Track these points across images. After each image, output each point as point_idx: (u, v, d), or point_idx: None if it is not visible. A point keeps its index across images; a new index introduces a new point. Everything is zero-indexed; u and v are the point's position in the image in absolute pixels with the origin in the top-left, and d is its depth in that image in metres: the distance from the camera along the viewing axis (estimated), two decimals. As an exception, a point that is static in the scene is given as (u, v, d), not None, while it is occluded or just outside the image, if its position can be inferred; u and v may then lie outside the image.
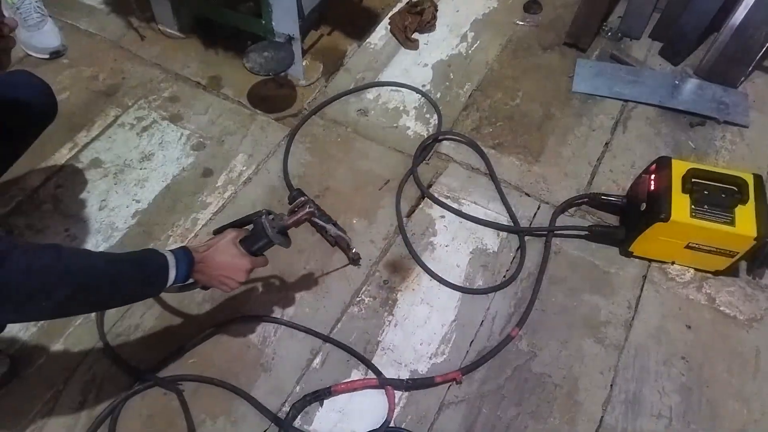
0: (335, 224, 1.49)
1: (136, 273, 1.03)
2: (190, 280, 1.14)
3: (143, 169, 1.65)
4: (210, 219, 1.57)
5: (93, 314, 1.38)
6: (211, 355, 1.36)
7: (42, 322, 1.37)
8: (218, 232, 1.25)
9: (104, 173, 1.64)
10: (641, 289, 1.52)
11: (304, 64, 1.89)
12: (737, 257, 1.47)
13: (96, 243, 1.51)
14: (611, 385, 1.37)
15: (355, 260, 1.51)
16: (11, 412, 1.25)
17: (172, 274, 1.06)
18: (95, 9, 2.04)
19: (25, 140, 1.35)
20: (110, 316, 1.39)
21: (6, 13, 1.79)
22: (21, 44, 1.85)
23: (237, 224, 1.25)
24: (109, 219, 1.55)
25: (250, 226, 1.22)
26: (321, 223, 1.29)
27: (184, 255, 1.10)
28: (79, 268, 0.92)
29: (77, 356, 1.33)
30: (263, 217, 1.18)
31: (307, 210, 1.18)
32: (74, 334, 1.36)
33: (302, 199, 1.25)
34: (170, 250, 1.09)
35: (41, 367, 1.31)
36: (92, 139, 1.70)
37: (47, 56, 1.87)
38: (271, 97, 1.85)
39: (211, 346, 1.37)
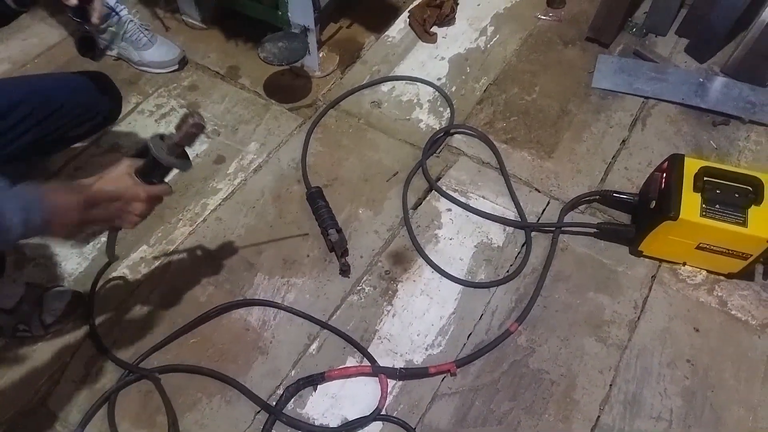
0: (339, 231, 1.49)
1: None
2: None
3: (159, 154, 1.70)
4: (219, 204, 1.60)
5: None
6: (211, 336, 1.39)
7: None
8: None
9: (121, 158, 1.68)
10: (649, 290, 1.48)
11: (320, 55, 1.90)
12: (751, 260, 1.41)
13: (110, 224, 1.56)
14: (610, 385, 1.34)
15: (344, 270, 1.48)
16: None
17: (15, 217, 0.83)
18: (123, -1, 2.10)
19: (80, 139, 1.40)
20: (120, 291, 1.44)
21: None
22: (142, 66, 1.88)
23: (133, 155, 1.11)
24: (124, 201, 1.60)
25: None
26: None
27: (33, 196, 0.88)
28: None
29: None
30: (152, 139, 1.07)
31: (192, 122, 1.05)
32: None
33: (187, 112, 1.10)
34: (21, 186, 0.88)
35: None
36: (113, 125, 1.76)
37: (176, 67, 1.90)
38: (287, 87, 1.87)
39: (211, 328, 1.40)
